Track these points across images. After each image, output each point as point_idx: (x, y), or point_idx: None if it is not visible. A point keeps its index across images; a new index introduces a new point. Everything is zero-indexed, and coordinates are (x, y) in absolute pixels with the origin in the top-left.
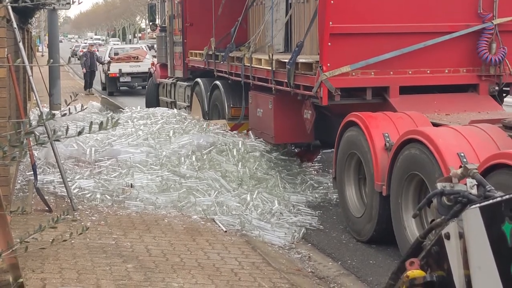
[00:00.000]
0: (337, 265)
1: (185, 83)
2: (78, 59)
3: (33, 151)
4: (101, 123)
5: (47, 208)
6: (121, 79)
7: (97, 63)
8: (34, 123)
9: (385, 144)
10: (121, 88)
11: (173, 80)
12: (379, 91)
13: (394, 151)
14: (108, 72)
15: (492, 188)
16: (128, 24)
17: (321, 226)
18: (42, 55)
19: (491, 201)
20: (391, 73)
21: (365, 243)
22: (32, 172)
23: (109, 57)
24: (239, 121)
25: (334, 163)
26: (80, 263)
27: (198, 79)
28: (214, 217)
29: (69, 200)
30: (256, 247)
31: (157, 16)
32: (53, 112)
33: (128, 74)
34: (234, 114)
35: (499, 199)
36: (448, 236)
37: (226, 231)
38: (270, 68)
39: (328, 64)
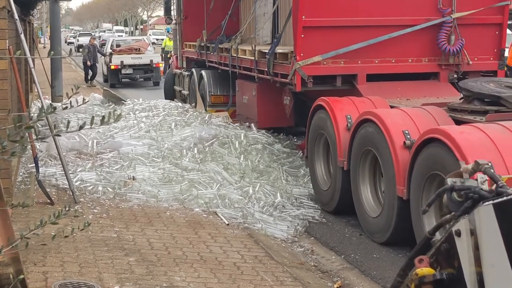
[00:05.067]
0: (340, 259)
1: (186, 73)
2: (79, 50)
3: (35, 144)
4: (103, 117)
5: (49, 201)
6: (123, 71)
7: (99, 55)
8: (35, 116)
9: (347, 125)
10: (122, 80)
11: (181, 70)
12: (348, 79)
13: (353, 130)
14: (110, 64)
15: (505, 184)
16: (130, 16)
17: (324, 219)
18: (44, 47)
19: (505, 198)
20: (359, 62)
21: (334, 213)
22: (34, 165)
23: (110, 49)
24: (227, 108)
25: (306, 143)
26: (82, 256)
27: (193, 69)
28: (216, 210)
29: (71, 193)
30: (259, 240)
31: (172, 9)
32: (54, 105)
33: (130, 66)
34: (214, 101)
35: None
36: (459, 233)
37: (228, 224)
38: (253, 58)
39: (301, 54)
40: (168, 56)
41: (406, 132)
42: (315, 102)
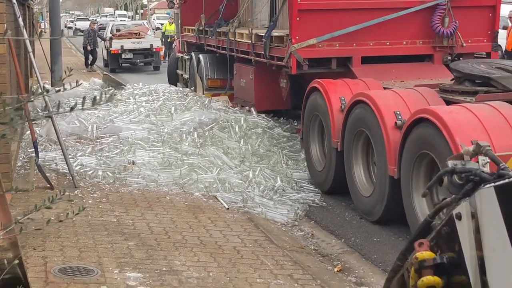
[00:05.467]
0: (340, 242)
1: (187, 57)
2: (77, 35)
3: (35, 128)
4: (94, 98)
5: (48, 185)
6: (123, 56)
7: (99, 40)
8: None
9: (341, 106)
10: (123, 64)
11: (183, 54)
12: (343, 61)
13: (346, 111)
14: (110, 48)
15: (506, 166)
16: (130, 0)
17: (324, 203)
18: (45, 32)
19: (506, 180)
20: (354, 44)
21: (328, 193)
22: (33, 149)
23: (110, 33)
24: (225, 91)
25: (302, 125)
26: (82, 240)
27: (192, 53)
28: (216, 194)
29: (70, 177)
30: (259, 225)
31: None
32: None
33: (130, 50)
34: (211, 85)
35: None
36: (459, 216)
37: (228, 208)
38: (250, 41)
39: (297, 37)
40: (169, 40)
41: (398, 112)
42: (310, 84)
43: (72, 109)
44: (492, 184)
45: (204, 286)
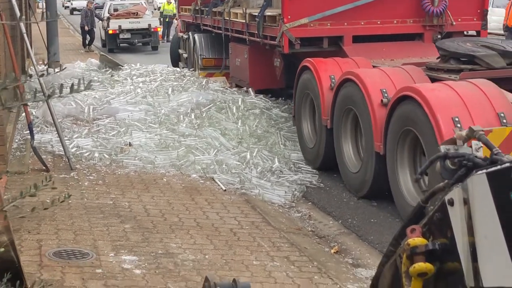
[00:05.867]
0: (337, 224)
1: (185, 37)
2: (72, 14)
3: (31, 110)
4: (72, 85)
5: (44, 168)
6: (121, 36)
7: (96, 20)
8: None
9: (331, 85)
10: (121, 45)
11: (183, 33)
12: (335, 40)
13: (335, 90)
14: (108, 28)
15: (499, 151)
16: None
17: (322, 184)
18: (43, 12)
19: (498, 166)
20: (345, 24)
21: (319, 169)
22: (27, 132)
23: (108, 13)
24: (221, 71)
25: (294, 103)
26: (77, 223)
27: (189, 33)
28: (214, 175)
29: (66, 159)
30: (256, 206)
31: None
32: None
33: (128, 30)
34: (205, 64)
35: (507, 164)
36: (451, 202)
37: (225, 190)
38: (244, 21)
39: (289, 16)
40: (167, 20)
41: (384, 90)
42: (301, 63)
43: (49, 96)
44: (484, 171)
45: (199, 269)
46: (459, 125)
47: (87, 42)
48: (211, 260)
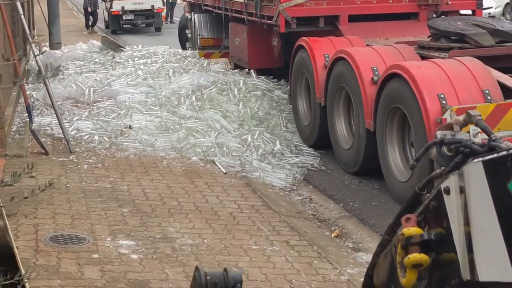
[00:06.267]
0: (338, 207)
1: (189, 17)
2: None
3: (32, 92)
4: (39, 71)
5: (43, 151)
6: (124, 17)
7: (99, 1)
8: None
9: (325, 63)
10: (124, 26)
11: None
12: (331, 20)
13: (328, 68)
14: (111, 10)
15: (497, 137)
16: None
17: (323, 167)
18: None
19: (495, 155)
20: (341, 3)
21: (313, 147)
22: (26, 114)
23: None
24: (220, 50)
25: (290, 82)
26: (75, 207)
27: (192, 13)
28: (214, 158)
29: (66, 142)
30: (256, 189)
31: None
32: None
33: (131, 11)
34: (204, 44)
35: (504, 152)
36: (447, 191)
37: (226, 173)
38: (243, 1)
39: None
40: (170, 1)
41: (375, 68)
42: (297, 42)
43: (14, 83)
44: (480, 159)
45: (197, 254)
46: (444, 102)
47: (90, 24)
48: (209, 245)
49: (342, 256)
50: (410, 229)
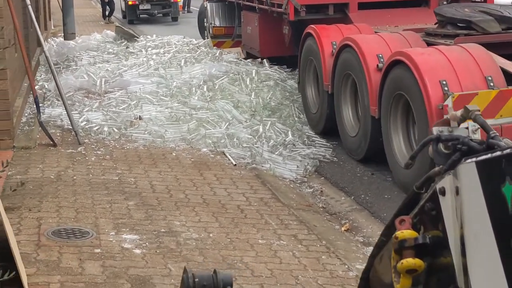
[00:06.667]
0: (350, 200)
1: (205, 6)
2: None
3: (43, 83)
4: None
5: (51, 143)
6: (141, 7)
7: None
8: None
9: (332, 51)
10: (140, 16)
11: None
12: (341, 7)
13: (335, 55)
14: (127, 0)
15: (497, 134)
16: None
17: (335, 158)
18: None
19: (489, 155)
20: None
21: (321, 134)
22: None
23: None
24: (232, 39)
25: (299, 70)
26: (80, 200)
27: (206, 2)
28: (224, 149)
29: (75, 134)
30: (266, 182)
31: None
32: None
33: (148, 1)
34: (215, 33)
35: (498, 153)
36: (443, 192)
37: (235, 165)
38: None
39: None
40: None
41: (380, 55)
42: (305, 30)
43: None
44: (474, 159)
45: (202, 248)
46: (446, 88)
47: (107, 14)
48: (215, 239)
49: (351, 251)
50: (404, 232)
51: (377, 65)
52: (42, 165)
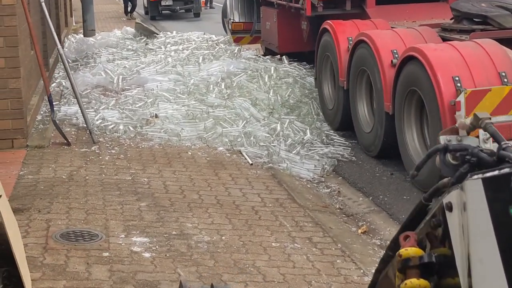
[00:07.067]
0: (368, 200)
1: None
2: None
3: (61, 80)
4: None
5: (65, 141)
6: (163, 3)
7: None
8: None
9: (348, 47)
10: (163, 12)
11: None
12: (358, 2)
13: (351, 51)
14: None
15: (509, 144)
16: None
17: (354, 158)
18: None
19: (496, 172)
20: None
21: (337, 130)
22: (54, 103)
23: None
24: (251, 34)
25: (316, 66)
26: (91, 201)
27: None
28: (241, 148)
29: (89, 132)
30: (282, 181)
31: None
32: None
33: None
34: (234, 28)
35: (507, 170)
36: (450, 207)
37: (252, 164)
38: None
39: None
40: None
41: (395, 51)
42: (322, 25)
43: None
44: (480, 176)
45: (214, 252)
46: (459, 84)
47: (128, 10)
48: (227, 242)
49: (367, 255)
50: (409, 250)
51: (392, 60)
52: (55, 165)
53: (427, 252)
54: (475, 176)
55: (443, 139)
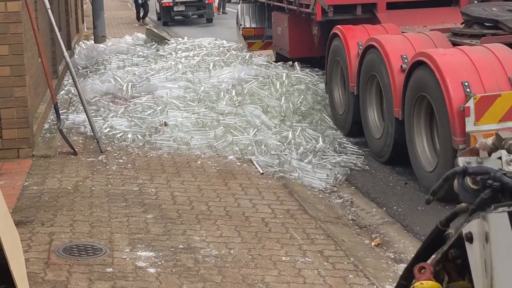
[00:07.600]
0: (381, 211)
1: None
2: None
3: (69, 88)
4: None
5: (72, 151)
6: (175, 8)
7: None
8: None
9: (358, 52)
10: (175, 17)
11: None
12: (369, 7)
13: (360, 56)
14: (162, 1)
15: None
16: None
17: (367, 167)
18: None
19: None
20: None
21: (348, 136)
22: (61, 112)
23: None
24: (263, 39)
25: (326, 71)
26: (96, 213)
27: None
28: (252, 157)
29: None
30: (293, 192)
31: None
32: (97, 45)
33: (182, 3)
34: (245, 34)
35: None
36: (470, 238)
37: (262, 173)
38: None
39: None
40: None
41: (404, 56)
42: (332, 30)
43: None
44: (506, 209)
45: (221, 267)
46: (468, 90)
47: (141, 15)
48: (235, 256)
49: (381, 269)
50: (424, 284)
51: (401, 65)
52: (60, 175)
53: (444, 286)
54: (500, 209)
55: (462, 161)
